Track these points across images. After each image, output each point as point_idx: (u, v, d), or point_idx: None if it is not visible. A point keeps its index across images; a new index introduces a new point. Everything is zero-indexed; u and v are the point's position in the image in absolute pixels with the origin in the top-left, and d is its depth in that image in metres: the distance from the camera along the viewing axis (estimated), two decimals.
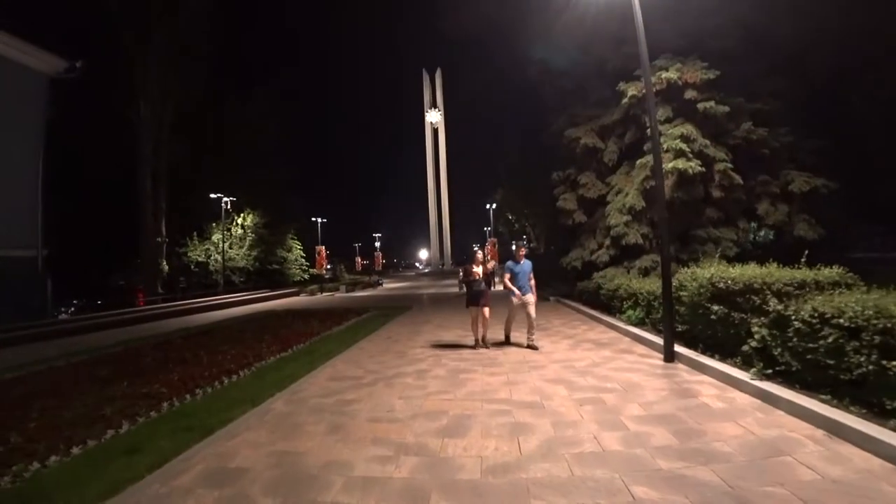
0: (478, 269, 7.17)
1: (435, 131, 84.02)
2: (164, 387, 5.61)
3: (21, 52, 15.56)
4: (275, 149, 33.68)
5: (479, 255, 7.49)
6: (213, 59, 25.34)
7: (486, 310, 7.16)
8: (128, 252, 22.25)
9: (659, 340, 6.75)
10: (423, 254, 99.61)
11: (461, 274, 24.23)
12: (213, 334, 10.14)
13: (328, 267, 44.14)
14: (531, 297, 7.16)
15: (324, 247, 34.16)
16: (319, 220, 36.90)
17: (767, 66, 10.97)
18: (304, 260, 34.65)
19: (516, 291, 7.19)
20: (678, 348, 6.12)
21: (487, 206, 37.80)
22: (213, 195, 25.34)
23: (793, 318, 4.42)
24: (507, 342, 7.54)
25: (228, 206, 26.52)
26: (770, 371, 4.59)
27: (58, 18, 19.96)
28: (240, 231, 29.09)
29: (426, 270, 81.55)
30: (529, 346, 7.16)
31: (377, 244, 65.53)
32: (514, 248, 7.69)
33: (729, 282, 5.47)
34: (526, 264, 7.29)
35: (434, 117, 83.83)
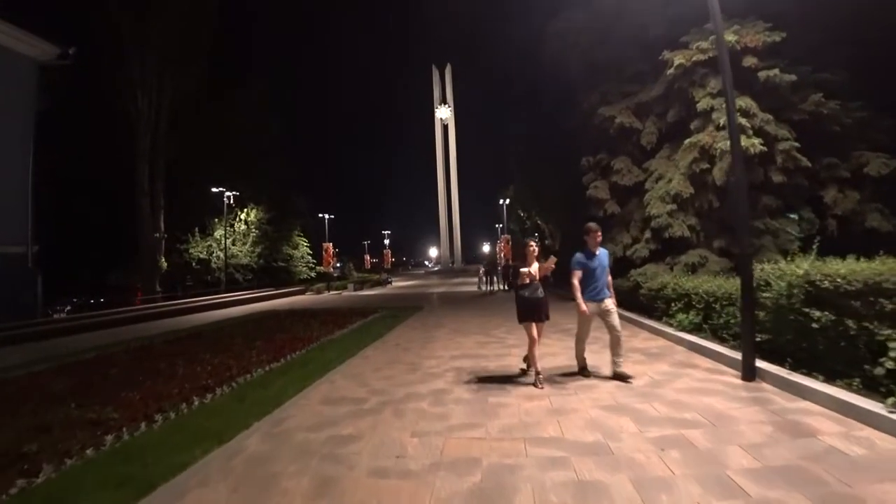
0: (531, 269, 5.03)
1: (445, 128, 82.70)
2: (118, 409, 4.51)
3: (9, 36, 14.67)
4: (279, 143, 32.80)
5: (534, 246, 5.21)
6: (214, 49, 24.28)
7: (540, 328, 5.06)
8: (126, 249, 21.35)
9: (725, 351, 5.56)
10: (433, 252, 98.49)
11: (481, 271, 22.32)
12: (201, 338, 9.05)
13: (338, 265, 43.19)
14: (611, 303, 5.08)
15: (331, 244, 33.06)
16: (326, 216, 35.84)
17: (827, 33, 9.55)
18: (310, 257, 33.67)
19: (581, 301, 4.97)
20: (758, 363, 4.88)
21: (501, 201, 36.49)
22: (214, 189, 24.42)
23: None
24: (581, 372, 5.24)
25: (231, 202, 25.58)
26: None
27: (49, 2, 19.03)
28: (243, 227, 28.19)
29: (436, 269, 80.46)
30: (617, 377, 4.96)
31: (386, 242, 64.34)
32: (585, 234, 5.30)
33: (839, 280, 4.22)
34: (602, 255, 5.15)
35: (444, 113, 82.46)
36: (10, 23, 14.52)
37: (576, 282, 5.08)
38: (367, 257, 62.12)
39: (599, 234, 5.19)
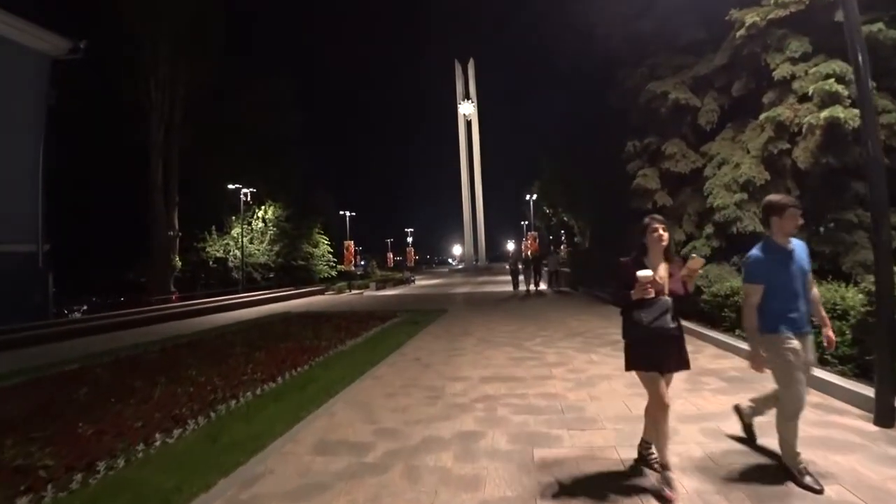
0: (648, 273, 2.48)
1: (468, 124, 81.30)
2: (60, 451, 3.54)
3: (20, 30, 14.31)
4: (299, 140, 32.28)
5: (661, 230, 2.66)
6: (231, 42, 23.77)
7: (668, 380, 2.69)
8: (142, 247, 20.90)
9: (835, 380, 4.29)
10: (457, 250, 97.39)
11: (514, 270, 19.87)
12: (198, 347, 8.12)
13: (361, 263, 42.63)
14: (811, 345, 2.76)
15: (352, 242, 32.25)
16: (348, 213, 35.13)
17: None
18: (331, 255, 32.95)
19: (755, 346, 2.76)
20: None
21: (527, 196, 35.11)
22: (231, 186, 23.85)
23: None
24: (801, 482, 2.57)
25: (248, 198, 24.97)
26: None
27: None
28: (260, 225, 27.63)
29: (459, 267, 79.30)
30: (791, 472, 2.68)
31: (409, 240, 63.57)
32: (771, 215, 2.72)
33: None
34: (800, 249, 2.74)
35: (467, 109, 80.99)
36: (21, 17, 14.14)
37: (752, 306, 2.72)
38: (390, 255, 61.57)
39: (800, 214, 2.73)
